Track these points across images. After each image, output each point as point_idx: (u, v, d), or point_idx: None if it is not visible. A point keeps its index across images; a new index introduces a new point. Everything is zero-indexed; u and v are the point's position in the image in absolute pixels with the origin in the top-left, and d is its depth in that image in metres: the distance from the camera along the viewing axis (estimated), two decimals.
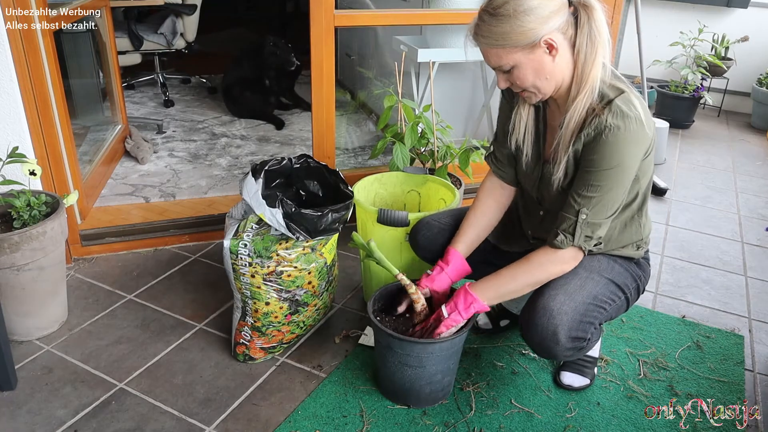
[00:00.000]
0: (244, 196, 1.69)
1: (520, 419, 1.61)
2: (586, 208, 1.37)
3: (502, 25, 1.28)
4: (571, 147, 1.39)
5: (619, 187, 1.36)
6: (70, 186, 2.20)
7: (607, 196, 1.36)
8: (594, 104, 1.34)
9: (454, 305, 1.50)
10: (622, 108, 1.30)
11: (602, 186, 1.35)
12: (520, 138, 1.53)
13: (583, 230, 1.39)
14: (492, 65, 1.37)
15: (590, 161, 1.35)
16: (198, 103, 4.10)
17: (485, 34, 1.31)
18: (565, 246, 1.41)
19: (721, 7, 4.47)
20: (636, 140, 1.31)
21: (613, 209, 1.39)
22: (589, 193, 1.36)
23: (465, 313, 1.49)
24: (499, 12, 1.28)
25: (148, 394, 1.66)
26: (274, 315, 1.72)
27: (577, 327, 1.43)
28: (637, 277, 1.58)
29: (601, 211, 1.38)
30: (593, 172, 1.35)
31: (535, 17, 1.27)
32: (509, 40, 1.29)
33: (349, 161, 3.22)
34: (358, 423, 1.58)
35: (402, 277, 1.58)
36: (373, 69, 3.74)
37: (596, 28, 1.29)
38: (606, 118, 1.31)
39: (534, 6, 1.27)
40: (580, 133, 1.36)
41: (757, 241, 2.67)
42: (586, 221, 1.38)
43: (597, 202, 1.36)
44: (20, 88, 1.94)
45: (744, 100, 4.62)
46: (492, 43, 1.31)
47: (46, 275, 1.79)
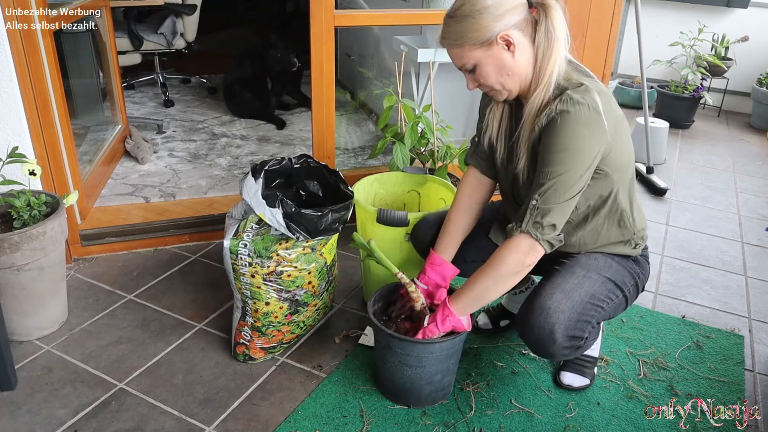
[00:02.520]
0: (244, 196, 1.69)
1: (520, 419, 1.61)
2: (537, 194, 1.36)
3: (459, 24, 1.35)
4: (528, 141, 1.42)
5: (572, 171, 1.32)
6: (70, 186, 2.20)
7: (559, 180, 1.33)
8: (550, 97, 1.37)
9: (433, 317, 1.52)
10: (573, 96, 1.32)
11: (552, 171, 1.33)
12: (494, 136, 1.56)
13: (532, 215, 1.36)
14: (457, 66, 1.42)
15: (542, 147, 1.37)
16: (198, 103, 4.10)
17: (446, 36, 1.39)
18: (514, 232, 1.39)
19: (721, 7, 4.47)
20: (587, 123, 1.31)
21: (565, 195, 1.34)
22: (541, 179, 1.36)
23: (441, 326, 1.50)
24: (457, 13, 1.35)
25: (148, 394, 1.66)
26: (274, 315, 1.72)
27: (574, 326, 1.44)
28: (635, 275, 1.57)
29: (551, 197, 1.34)
30: (543, 157, 1.36)
31: (489, 15, 1.32)
32: (467, 38, 1.35)
33: (349, 161, 3.22)
34: (358, 423, 1.58)
35: (402, 276, 1.59)
36: (373, 69, 3.74)
37: (552, 26, 1.34)
38: (555, 105, 1.33)
39: (488, 5, 1.32)
40: (534, 124, 1.39)
41: (757, 241, 2.67)
42: (536, 206, 1.35)
43: (548, 187, 1.34)
44: (20, 88, 1.94)
45: (744, 100, 4.62)
46: (452, 43, 1.38)
47: (46, 275, 1.79)
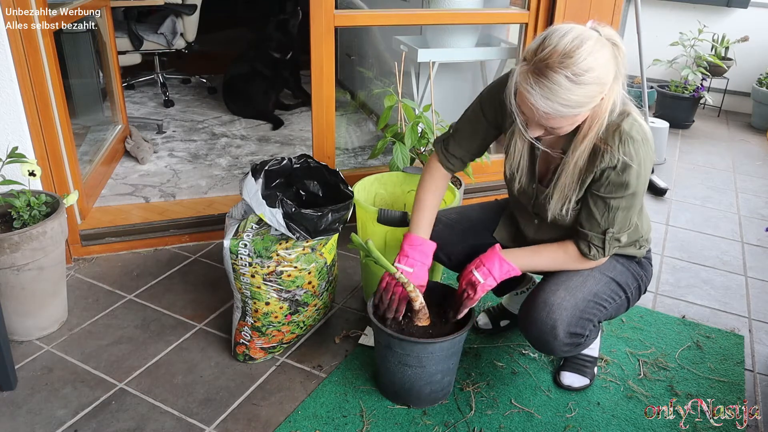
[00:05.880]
0: (244, 196, 1.69)
1: (520, 419, 1.61)
2: (612, 227, 1.42)
3: (582, 89, 1.18)
4: (579, 182, 1.39)
5: (638, 203, 1.41)
6: (70, 186, 2.20)
7: (629, 213, 1.41)
8: (601, 136, 1.32)
9: (488, 271, 1.50)
10: (632, 134, 1.30)
11: (622, 207, 1.39)
12: (515, 165, 1.51)
13: (612, 244, 1.45)
14: (541, 124, 1.27)
15: (608, 190, 1.37)
16: (198, 103, 4.10)
17: (552, 98, 1.19)
18: (598, 258, 1.48)
19: (721, 7, 4.47)
20: (646, 163, 1.35)
21: (633, 220, 1.45)
22: (611, 214, 1.40)
23: (499, 278, 1.51)
24: (580, 80, 1.17)
25: (148, 394, 1.65)
26: (274, 315, 1.72)
27: (576, 323, 1.44)
28: (638, 276, 1.58)
29: (624, 225, 1.43)
30: (613, 199, 1.38)
31: (609, 74, 1.21)
32: (588, 105, 1.22)
33: (349, 161, 3.22)
34: (358, 423, 1.58)
35: (400, 275, 1.58)
36: (374, 69, 3.74)
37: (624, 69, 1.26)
38: (617, 150, 1.31)
39: (604, 61, 1.20)
40: (589, 169, 1.36)
41: (757, 241, 2.67)
42: (614, 236, 1.44)
43: (621, 220, 1.42)
44: (20, 88, 1.94)
45: (744, 100, 4.62)
46: (562, 109, 1.20)
47: (46, 275, 1.79)
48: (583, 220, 1.44)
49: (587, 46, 1.17)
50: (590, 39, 1.19)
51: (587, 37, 1.19)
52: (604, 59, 1.20)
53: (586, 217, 1.43)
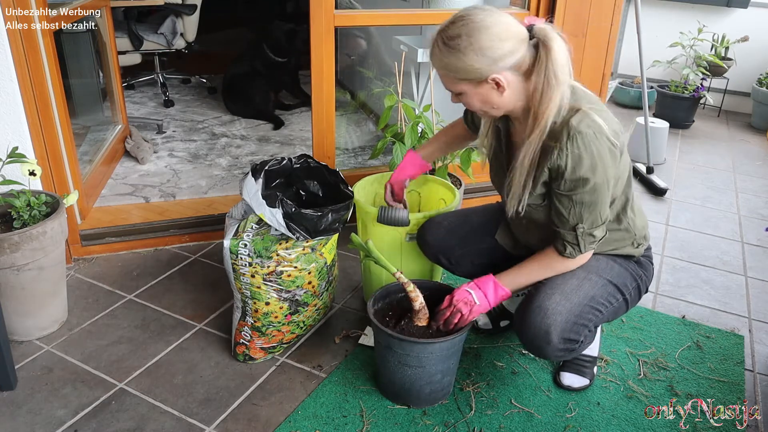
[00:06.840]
0: (244, 196, 1.69)
1: (520, 419, 1.61)
2: (581, 223, 1.40)
3: (451, 57, 1.29)
4: (530, 181, 1.40)
5: (603, 197, 1.38)
6: (70, 186, 2.20)
7: (596, 207, 1.38)
8: (550, 135, 1.33)
9: (484, 295, 1.51)
10: (580, 128, 1.29)
11: (586, 202, 1.37)
12: (490, 156, 1.57)
13: (586, 239, 1.43)
14: (443, 84, 1.39)
15: (567, 187, 1.36)
16: (198, 103, 4.10)
17: (435, 61, 1.33)
18: (574, 256, 1.46)
19: (721, 7, 4.47)
20: (602, 155, 1.32)
21: (604, 214, 1.42)
22: (577, 210, 1.38)
23: (493, 302, 1.51)
24: (451, 44, 1.28)
25: (148, 394, 1.66)
26: (274, 315, 1.72)
27: (570, 329, 1.44)
28: (637, 276, 1.57)
29: (595, 220, 1.40)
30: (575, 194, 1.36)
31: (485, 58, 1.27)
32: (457, 73, 1.31)
33: (349, 161, 3.22)
34: (358, 423, 1.58)
35: (400, 275, 1.58)
36: (374, 69, 3.74)
37: (553, 70, 1.26)
38: (565, 146, 1.30)
39: (486, 46, 1.26)
40: (540, 167, 1.37)
41: (757, 241, 2.67)
42: (585, 232, 1.41)
43: (588, 215, 1.39)
44: (20, 88, 1.94)
45: (744, 100, 4.62)
46: (441, 70, 1.34)
47: (46, 275, 1.79)
48: (554, 219, 1.44)
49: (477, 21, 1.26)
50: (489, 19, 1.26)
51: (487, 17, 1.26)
52: (496, 37, 1.25)
53: (555, 216, 1.43)
